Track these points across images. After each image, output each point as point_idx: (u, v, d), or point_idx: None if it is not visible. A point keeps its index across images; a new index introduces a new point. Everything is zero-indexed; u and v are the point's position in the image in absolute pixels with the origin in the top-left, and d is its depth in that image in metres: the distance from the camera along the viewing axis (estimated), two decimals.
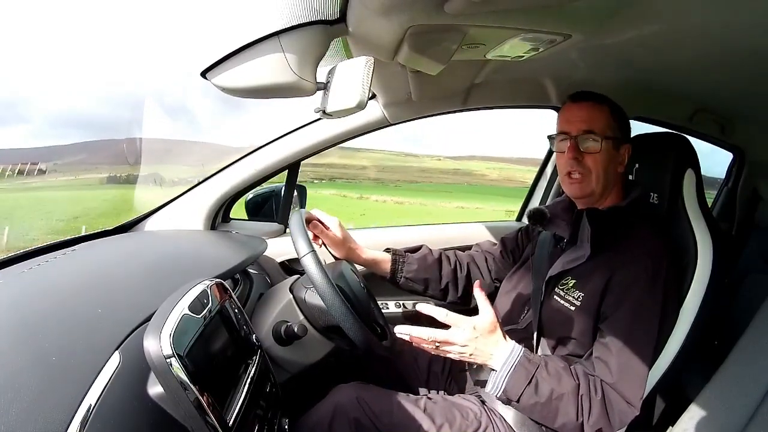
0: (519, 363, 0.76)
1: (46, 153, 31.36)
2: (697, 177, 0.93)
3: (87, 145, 37.66)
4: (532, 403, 0.75)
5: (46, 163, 25.15)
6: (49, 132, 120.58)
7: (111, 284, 0.70)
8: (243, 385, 0.65)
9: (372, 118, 1.20)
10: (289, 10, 0.60)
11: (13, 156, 32.16)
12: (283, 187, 1.30)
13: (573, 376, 0.77)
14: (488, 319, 0.77)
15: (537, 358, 0.78)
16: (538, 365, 0.76)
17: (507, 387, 0.75)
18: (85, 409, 0.44)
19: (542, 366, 0.76)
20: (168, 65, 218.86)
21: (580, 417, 0.75)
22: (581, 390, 0.75)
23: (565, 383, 0.75)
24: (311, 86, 0.62)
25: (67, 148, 38.67)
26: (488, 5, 0.54)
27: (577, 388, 0.75)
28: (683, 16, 0.61)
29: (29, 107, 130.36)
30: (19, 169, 22.35)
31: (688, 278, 0.87)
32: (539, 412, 0.75)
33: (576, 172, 0.86)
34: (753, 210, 1.44)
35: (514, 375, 0.75)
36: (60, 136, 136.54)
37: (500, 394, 0.76)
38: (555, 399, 0.74)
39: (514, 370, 0.75)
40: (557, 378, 0.75)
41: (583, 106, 0.87)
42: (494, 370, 0.77)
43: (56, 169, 24.42)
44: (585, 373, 0.78)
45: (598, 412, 0.75)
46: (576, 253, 0.85)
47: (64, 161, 25.27)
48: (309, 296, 0.88)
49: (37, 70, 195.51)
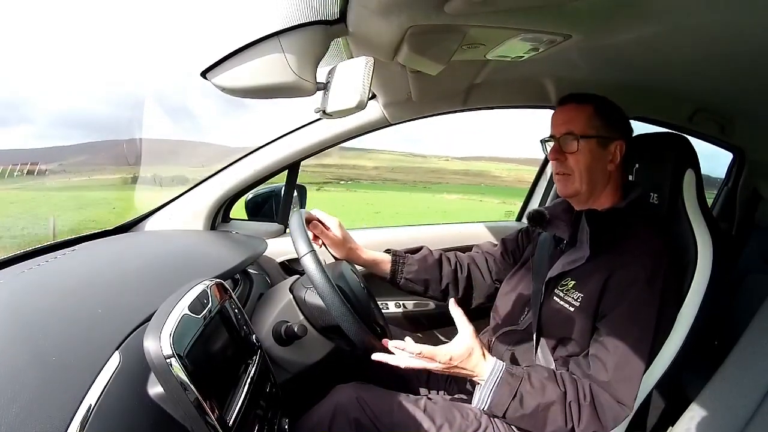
0: (502, 378, 0.77)
1: (58, 153, 31.13)
2: (697, 177, 0.93)
3: (94, 145, 37.56)
4: (518, 416, 0.76)
5: (55, 163, 25.05)
6: (56, 133, 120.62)
7: (111, 284, 0.70)
8: (243, 385, 0.65)
9: (372, 118, 1.20)
10: (289, 10, 0.60)
11: (25, 156, 31.97)
12: (283, 187, 1.30)
13: (558, 384, 0.77)
14: (464, 344, 0.79)
15: (520, 372, 0.79)
16: (522, 379, 0.77)
17: (492, 403, 0.77)
18: (85, 409, 0.44)
19: (525, 379, 0.77)
20: (169, 65, 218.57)
21: (570, 423, 0.75)
22: (568, 397, 0.76)
23: (550, 393, 0.76)
24: (311, 86, 0.62)
25: (79, 148, 38.54)
26: (488, 5, 0.55)
27: (564, 396, 0.76)
28: (683, 16, 0.61)
29: (32, 108, 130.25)
30: (37, 169, 22.23)
31: (688, 278, 0.87)
32: (527, 423, 0.77)
33: (561, 172, 0.89)
34: (753, 210, 1.44)
35: (498, 390, 0.77)
36: (64, 136, 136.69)
37: (486, 409, 0.78)
38: (541, 410, 0.75)
39: (498, 386, 0.77)
40: (541, 390, 0.77)
41: (564, 109, 0.89)
42: (479, 384, 0.79)
43: (66, 169, 24.33)
44: (572, 378, 0.79)
45: (588, 416, 0.75)
46: (575, 255, 0.85)
47: (75, 160, 25.09)
48: (309, 296, 0.88)
49: (39, 71, 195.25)
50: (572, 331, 0.83)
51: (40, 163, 23.77)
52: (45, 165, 23.50)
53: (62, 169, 23.77)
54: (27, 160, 25.02)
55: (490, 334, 1.01)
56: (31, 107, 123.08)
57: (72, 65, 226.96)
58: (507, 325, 0.97)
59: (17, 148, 70.70)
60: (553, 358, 0.86)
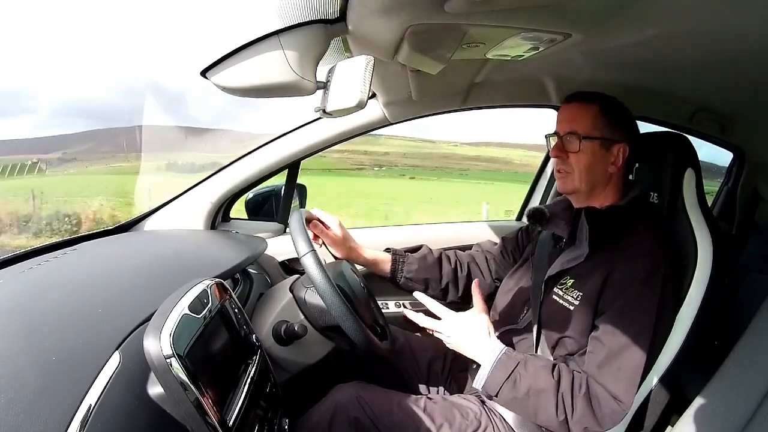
0: (500, 359, 0.79)
1: (77, 139, 30.60)
2: (697, 176, 0.93)
3: (110, 132, 37.19)
4: (510, 398, 0.77)
5: (69, 151, 24.71)
6: (67, 122, 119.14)
7: (111, 284, 0.69)
8: (243, 385, 0.65)
9: (372, 117, 1.20)
10: (289, 9, 0.60)
11: (38, 145, 31.60)
12: (283, 186, 1.30)
13: (553, 374, 0.78)
14: (476, 312, 0.85)
15: (518, 356, 0.80)
16: (518, 362, 0.78)
17: (487, 382, 0.78)
18: (85, 409, 0.44)
19: (522, 363, 0.78)
20: (170, 64, 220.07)
21: (561, 414, 0.75)
22: (562, 387, 0.76)
23: (542, 380, 0.77)
24: (311, 85, 0.62)
25: (97, 134, 38.22)
26: (488, 4, 0.54)
27: (556, 385, 0.76)
28: (683, 16, 0.61)
29: (36, 98, 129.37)
30: (59, 157, 21.88)
31: (687, 278, 0.87)
32: (518, 406, 0.79)
33: (561, 169, 0.89)
34: (753, 210, 1.44)
35: (494, 371, 0.78)
36: (67, 125, 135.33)
37: (481, 387, 0.79)
38: (532, 395, 0.76)
39: (495, 367, 0.78)
40: (534, 375, 0.77)
41: (570, 107, 0.89)
42: (480, 366, 0.80)
43: (87, 157, 24.03)
44: (569, 370, 0.79)
45: (582, 409, 0.75)
46: (574, 253, 0.85)
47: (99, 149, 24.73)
48: (309, 296, 0.88)
49: (44, 61, 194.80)
50: (572, 329, 0.83)
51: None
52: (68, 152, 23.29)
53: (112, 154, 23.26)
54: (57, 148, 24.81)
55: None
56: (35, 98, 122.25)
57: (87, 55, 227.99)
58: (507, 324, 0.97)
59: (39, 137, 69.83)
60: (553, 356, 0.86)
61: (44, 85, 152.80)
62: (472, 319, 0.84)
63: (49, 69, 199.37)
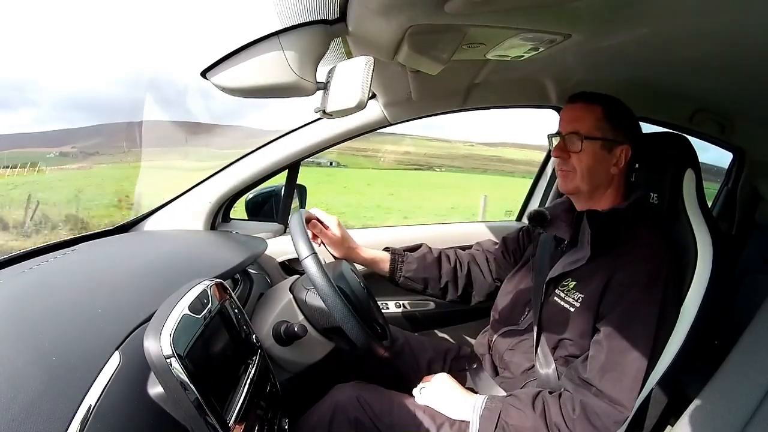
0: (482, 416, 0.80)
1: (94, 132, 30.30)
2: (697, 177, 0.93)
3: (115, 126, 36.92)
4: None
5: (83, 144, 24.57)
6: (76, 116, 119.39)
7: (111, 284, 0.69)
8: (243, 385, 0.65)
9: (372, 117, 1.20)
10: (288, 9, 0.60)
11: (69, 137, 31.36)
12: (283, 186, 1.30)
13: (535, 408, 0.79)
14: (438, 375, 0.90)
15: (497, 404, 0.81)
16: (500, 410, 0.80)
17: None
18: (85, 409, 0.44)
19: (504, 410, 0.80)
20: (171, 63, 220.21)
21: None
22: (552, 419, 0.77)
23: (529, 420, 0.78)
24: (311, 86, 0.62)
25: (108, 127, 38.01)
26: (488, 5, 0.54)
27: (544, 419, 0.77)
28: (683, 16, 0.61)
29: (39, 91, 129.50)
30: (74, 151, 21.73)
31: (688, 278, 0.87)
32: None
33: (562, 168, 0.89)
34: (753, 210, 1.44)
35: (483, 424, 0.79)
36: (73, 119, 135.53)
37: None
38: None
39: (481, 424, 0.80)
40: (519, 418, 0.78)
41: (573, 107, 0.89)
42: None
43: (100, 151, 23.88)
44: (554, 397, 0.80)
45: (582, 430, 0.76)
46: (576, 255, 0.85)
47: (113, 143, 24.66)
48: (310, 297, 0.88)
49: (51, 54, 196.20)
50: (572, 331, 0.83)
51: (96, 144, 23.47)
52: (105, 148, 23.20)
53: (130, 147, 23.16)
54: (71, 141, 24.71)
55: (491, 334, 1.01)
56: (38, 90, 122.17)
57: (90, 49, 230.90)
58: (507, 325, 0.97)
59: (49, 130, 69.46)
60: (553, 358, 0.86)
61: (48, 78, 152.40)
62: (438, 383, 0.88)
63: (54, 62, 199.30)
